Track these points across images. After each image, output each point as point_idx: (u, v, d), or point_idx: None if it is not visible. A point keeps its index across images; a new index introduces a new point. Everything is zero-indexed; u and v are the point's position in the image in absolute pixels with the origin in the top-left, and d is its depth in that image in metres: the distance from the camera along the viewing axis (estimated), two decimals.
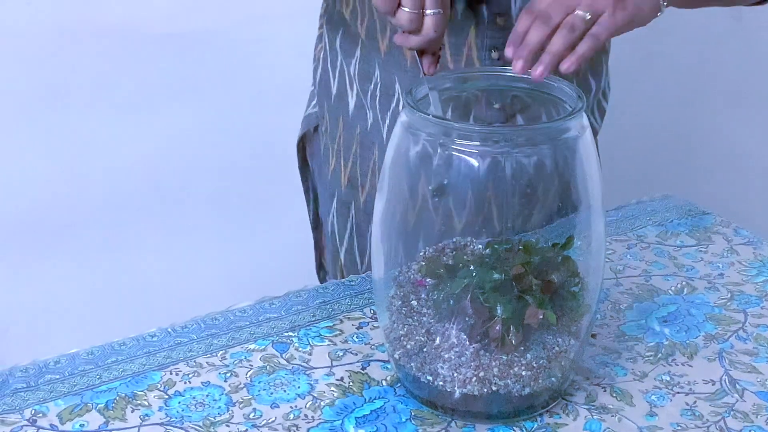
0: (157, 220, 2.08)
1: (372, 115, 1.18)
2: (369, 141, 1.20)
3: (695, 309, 1.16)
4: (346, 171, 1.21)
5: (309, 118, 1.30)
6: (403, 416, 0.97)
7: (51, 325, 2.03)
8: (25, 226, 2.08)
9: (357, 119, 1.19)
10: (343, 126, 1.20)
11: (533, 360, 0.94)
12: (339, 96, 1.21)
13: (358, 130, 1.19)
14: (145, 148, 2.07)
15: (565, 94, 0.97)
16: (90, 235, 2.12)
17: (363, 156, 1.20)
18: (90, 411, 0.97)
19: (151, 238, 2.11)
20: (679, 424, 0.96)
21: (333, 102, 1.21)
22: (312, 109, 1.28)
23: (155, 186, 2.10)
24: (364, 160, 1.20)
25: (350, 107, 1.19)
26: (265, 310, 1.14)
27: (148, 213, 2.11)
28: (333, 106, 1.22)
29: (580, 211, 0.95)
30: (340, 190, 1.23)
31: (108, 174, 2.09)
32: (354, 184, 1.22)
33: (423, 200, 0.96)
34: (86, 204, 2.09)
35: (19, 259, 2.10)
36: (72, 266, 2.11)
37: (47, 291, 2.08)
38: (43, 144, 2.03)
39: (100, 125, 2.04)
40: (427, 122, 0.91)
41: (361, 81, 1.17)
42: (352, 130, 1.20)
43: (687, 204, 1.41)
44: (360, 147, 1.20)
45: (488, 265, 0.91)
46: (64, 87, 2.01)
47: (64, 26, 1.98)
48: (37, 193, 2.06)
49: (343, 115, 1.20)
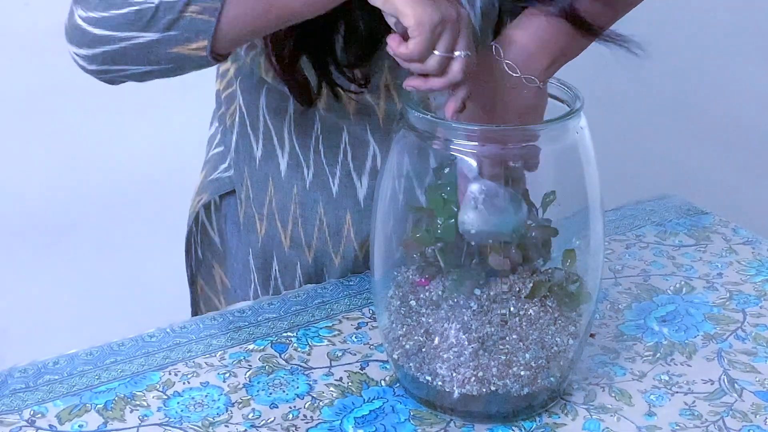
0: (157, 220, 2.08)
1: (312, 171, 1.14)
2: (311, 199, 1.15)
3: (694, 308, 1.16)
4: (287, 233, 1.16)
5: (218, 182, 1.20)
6: (402, 416, 0.97)
7: (50, 325, 2.03)
8: (25, 226, 2.08)
9: (292, 179, 1.15)
10: (275, 189, 1.15)
11: (532, 360, 0.94)
12: (265, 158, 1.15)
13: (295, 191, 1.15)
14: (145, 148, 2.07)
15: (563, 94, 0.97)
16: (89, 236, 2.12)
17: (305, 216, 1.15)
18: (89, 411, 0.97)
19: (150, 238, 2.11)
20: (677, 424, 0.96)
21: (258, 166, 1.16)
22: (221, 173, 1.20)
23: (155, 186, 2.10)
24: (307, 220, 1.15)
25: (282, 168, 1.14)
26: (263, 310, 1.14)
27: (147, 213, 2.11)
28: (257, 170, 1.16)
29: (578, 210, 0.96)
30: (282, 251, 1.18)
31: (108, 174, 2.09)
32: (298, 244, 1.17)
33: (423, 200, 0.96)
34: (86, 204, 2.09)
35: (18, 259, 2.10)
36: (71, 266, 2.11)
37: (46, 291, 2.09)
38: (43, 144, 2.03)
39: (100, 125, 2.04)
40: (426, 123, 0.91)
41: (299, 137, 1.13)
42: (287, 191, 1.15)
43: (686, 204, 1.42)
44: (300, 207, 1.15)
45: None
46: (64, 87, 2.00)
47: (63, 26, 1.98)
48: (37, 193, 2.06)
49: (273, 177, 1.15)
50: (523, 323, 0.94)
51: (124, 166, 2.08)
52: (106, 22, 0.86)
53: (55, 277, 2.10)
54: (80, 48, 0.89)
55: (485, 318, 0.94)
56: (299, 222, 1.15)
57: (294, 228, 1.16)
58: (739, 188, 2.53)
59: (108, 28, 0.86)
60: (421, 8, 0.85)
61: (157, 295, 1.86)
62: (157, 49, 0.87)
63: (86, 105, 2.04)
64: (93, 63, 0.88)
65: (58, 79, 2.00)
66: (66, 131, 2.05)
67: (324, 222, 1.15)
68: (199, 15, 0.85)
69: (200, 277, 1.29)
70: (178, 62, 0.89)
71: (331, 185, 1.14)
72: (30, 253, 2.10)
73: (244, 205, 1.17)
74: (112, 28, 0.86)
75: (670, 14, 2.10)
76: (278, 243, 1.17)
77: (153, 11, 0.85)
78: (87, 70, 0.90)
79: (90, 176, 2.09)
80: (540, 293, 0.93)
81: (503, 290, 0.94)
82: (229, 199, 1.20)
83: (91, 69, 0.89)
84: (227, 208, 1.21)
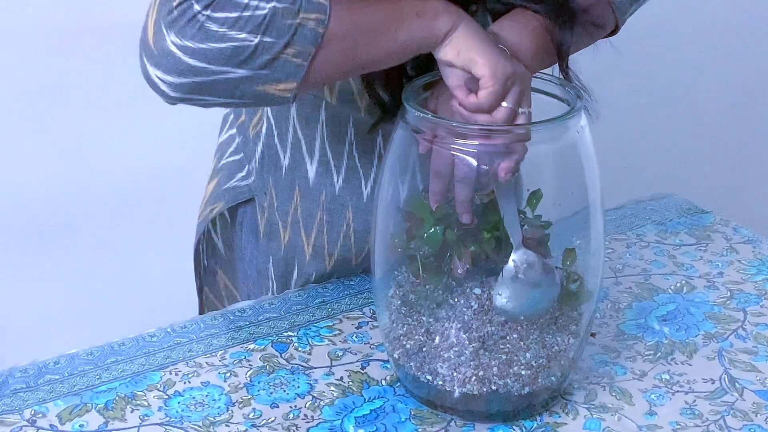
0: (157, 220, 2.08)
1: (342, 177, 1.13)
2: (339, 205, 1.15)
3: (695, 308, 1.16)
4: (310, 241, 1.16)
5: (235, 191, 1.20)
6: (402, 416, 0.97)
7: (50, 325, 2.03)
8: (25, 226, 2.07)
9: (321, 186, 1.14)
10: (301, 196, 1.14)
11: (533, 359, 0.94)
12: (292, 168, 1.14)
13: (324, 197, 1.14)
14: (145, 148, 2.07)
15: (563, 93, 0.97)
16: (90, 235, 2.11)
17: (331, 222, 1.15)
18: (89, 411, 0.97)
19: (151, 237, 2.11)
20: (678, 423, 0.96)
21: (284, 175, 1.15)
22: (239, 182, 1.19)
23: (155, 186, 2.09)
24: (333, 227, 1.15)
25: (310, 175, 1.13)
26: (264, 309, 1.14)
27: (148, 213, 2.11)
28: (283, 178, 1.15)
29: (579, 210, 0.96)
30: (303, 260, 1.17)
31: (108, 174, 2.08)
32: (319, 253, 1.17)
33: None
34: (86, 204, 2.08)
35: (19, 258, 2.09)
36: (71, 266, 2.11)
37: (46, 291, 2.08)
38: (43, 144, 2.03)
39: (100, 125, 2.04)
40: (426, 122, 0.91)
41: (332, 144, 1.12)
42: (314, 198, 1.15)
43: (686, 203, 1.42)
44: (327, 214, 1.15)
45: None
46: (64, 87, 2.00)
47: (64, 26, 1.98)
48: (37, 192, 2.06)
49: (300, 185, 1.14)
50: (523, 322, 0.94)
51: (125, 165, 2.08)
52: (202, 54, 0.84)
53: (56, 276, 2.10)
54: (168, 75, 0.85)
55: (486, 317, 0.94)
56: (324, 229, 1.15)
57: (318, 235, 1.15)
58: (740, 187, 2.53)
59: (203, 60, 0.84)
60: (495, 59, 0.88)
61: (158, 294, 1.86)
62: (245, 86, 0.86)
63: (87, 105, 2.03)
64: (178, 91, 0.86)
65: (59, 78, 2.00)
66: (67, 131, 2.05)
67: (351, 227, 1.15)
68: (293, 58, 0.85)
69: (206, 285, 1.30)
70: (261, 99, 0.88)
71: (363, 189, 1.13)
72: (31, 252, 2.10)
73: (267, 213, 1.17)
74: (207, 60, 0.84)
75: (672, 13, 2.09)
76: (300, 251, 1.16)
77: (252, 49, 0.84)
78: (169, 96, 0.87)
79: (90, 176, 2.08)
80: None
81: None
82: (245, 207, 1.19)
83: (174, 96, 0.87)
84: (243, 216, 1.20)
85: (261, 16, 0.83)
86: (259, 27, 0.83)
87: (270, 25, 0.84)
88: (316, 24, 0.85)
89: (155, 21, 0.85)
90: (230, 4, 0.83)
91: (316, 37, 0.85)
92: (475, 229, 0.93)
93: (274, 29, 0.84)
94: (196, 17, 0.83)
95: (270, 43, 0.84)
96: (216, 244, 1.25)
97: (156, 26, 0.85)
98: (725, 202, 1.82)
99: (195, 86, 0.86)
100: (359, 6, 0.88)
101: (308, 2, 0.85)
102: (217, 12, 0.83)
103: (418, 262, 0.95)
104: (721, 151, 2.52)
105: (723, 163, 2.52)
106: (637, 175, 2.12)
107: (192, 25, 0.83)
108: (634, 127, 2.32)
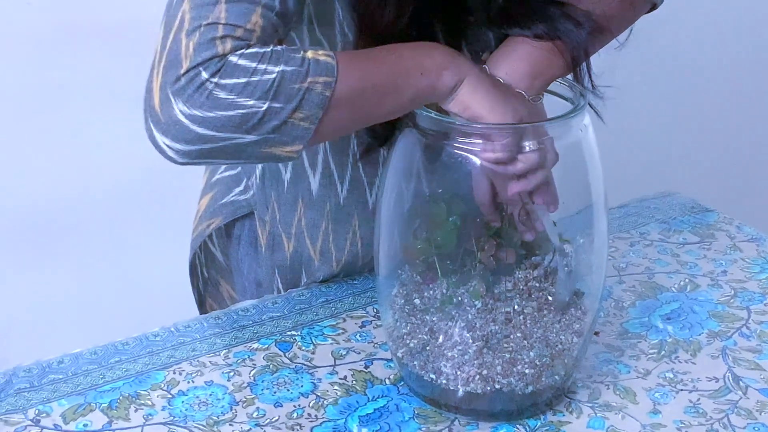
0: (159, 220, 2.08)
1: (346, 187, 1.12)
2: (344, 214, 1.14)
3: (698, 306, 1.16)
4: (316, 248, 1.15)
5: (233, 206, 1.19)
6: (406, 414, 0.97)
7: (54, 325, 2.03)
8: (28, 226, 2.08)
9: (325, 197, 1.13)
10: (305, 208, 1.13)
11: (536, 358, 0.94)
12: (294, 181, 1.13)
13: (328, 208, 1.13)
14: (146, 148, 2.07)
15: (566, 92, 0.97)
16: (93, 235, 2.11)
17: (337, 231, 1.14)
18: (93, 411, 0.97)
19: (153, 237, 2.11)
20: (682, 422, 0.96)
21: (286, 189, 1.14)
22: (237, 196, 1.19)
23: (157, 185, 2.09)
24: (339, 235, 1.14)
25: (313, 188, 1.12)
26: (268, 309, 1.14)
27: (150, 212, 2.11)
28: (285, 192, 1.14)
29: (582, 208, 0.95)
30: (311, 266, 1.17)
31: (109, 173, 2.08)
32: (328, 259, 1.16)
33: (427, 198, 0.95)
34: (88, 203, 2.08)
35: (22, 258, 2.10)
36: (75, 266, 2.11)
37: (50, 291, 2.08)
38: (43, 144, 2.03)
39: (100, 125, 2.04)
40: (429, 121, 0.91)
41: (335, 156, 1.11)
42: (319, 209, 1.13)
43: (690, 201, 1.41)
44: (333, 223, 1.14)
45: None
46: (64, 87, 2.00)
47: (64, 26, 1.98)
48: (39, 192, 2.06)
49: (303, 197, 1.13)
50: (527, 321, 0.94)
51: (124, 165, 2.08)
52: (210, 122, 0.83)
53: (59, 276, 2.10)
54: (177, 143, 0.85)
55: (489, 316, 0.93)
56: (330, 237, 1.15)
57: (324, 243, 1.15)
58: (744, 185, 2.53)
59: (211, 128, 0.83)
60: (501, 112, 0.90)
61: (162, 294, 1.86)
62: (252, 149, 0.86)
63: (87, 105, 2.04)
64: (186, 157, 0.86)
65: (60, 78, 2.00)
66: (67, 131, 2.05)
67: (358, 234, 1.14)
68: (301, 122, 0.85)
69: (208, 296, 1.29)
70: (267, 159, 0.88)
71: (368, 198, 1.13)
72: (34, 252, 2.10)
73: (269, 226, 1.16)
74: (215, 128, 0.83)
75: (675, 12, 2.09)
76: (307, 258, 1.16)
77: (261, 116, 0.83)
78: (176, 161, 0.87)
79: (91, 175, 2.08)
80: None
81: (507, 288, 0.94)
82: (242, 221, 1.19)
83: (182, 161, 0.87)
84: (240, 230, 1.19)
85: (269, 81, 0.83)
86: (268, 92, 0.83)
87: (278, 90, 0.83)
88: (324, 87, 0.84)
89: (161, 86, 0.84)
90: (238, 69, 0.82)
91: (323, 101, 0.85)
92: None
93: (282, 94, 0.83)
94: (204, 85, 0.82)
95: (278, 109, 0.84)
96: (215, 254, 1.25)
97: (162, 93, 0.84)
98: (729, 200, 1.81)
99: (203, 152, 0.85)
100: (365, 64, 0.89)
101: (316, 64, 0.84)
102: (225, 79, 0.82)
103: (435, 264, 0.95)
104: (725, 150, 2.51)
105: (727, 161, 2.52)
106: (641, 174, 2.12)
107: (200, 94, 0.82)
108: (638, 125, 2.31)
